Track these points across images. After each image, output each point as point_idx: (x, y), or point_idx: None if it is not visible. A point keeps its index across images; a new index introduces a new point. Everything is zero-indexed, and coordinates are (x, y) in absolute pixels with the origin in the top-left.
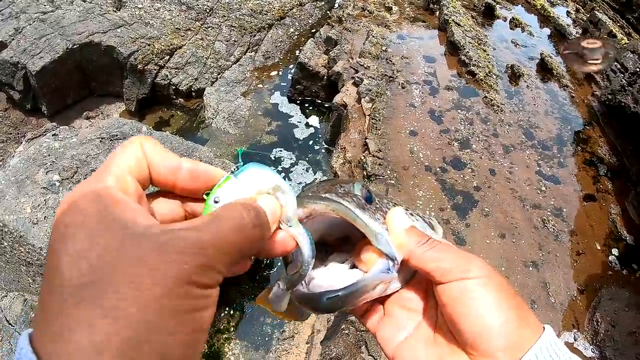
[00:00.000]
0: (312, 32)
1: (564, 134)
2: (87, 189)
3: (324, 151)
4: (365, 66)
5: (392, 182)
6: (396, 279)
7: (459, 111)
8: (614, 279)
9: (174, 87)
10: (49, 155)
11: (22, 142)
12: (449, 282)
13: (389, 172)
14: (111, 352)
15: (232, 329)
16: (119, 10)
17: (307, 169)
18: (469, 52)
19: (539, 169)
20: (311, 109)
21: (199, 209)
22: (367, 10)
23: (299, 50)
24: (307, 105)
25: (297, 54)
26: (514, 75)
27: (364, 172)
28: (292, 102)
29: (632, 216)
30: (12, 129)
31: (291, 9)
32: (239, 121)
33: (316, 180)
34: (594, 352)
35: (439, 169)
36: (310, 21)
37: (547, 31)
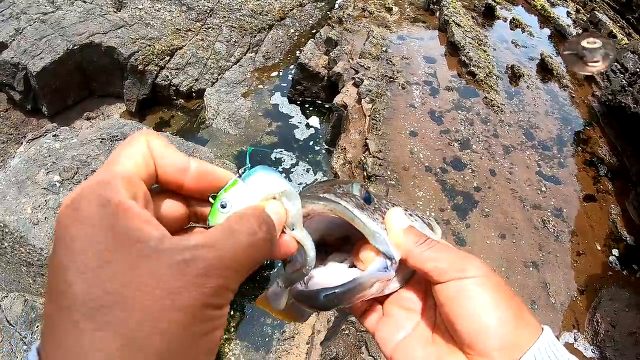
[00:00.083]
0: (312, 32)
1: (564, 134)
2: (93, 193)
3: (324, 152)
4: (365, 67)
5: (393, 182)
6: (394, 277)
7: (459, 112)
8: (614, 280)
9: (174, 87)
10: (50, 155)
11: (22, 143)
12: (446, 282)
13: (389, 172)
14: None
15: (232, 329)
16: (120, 11)
17: (308, 170)
18: (469, 52)
19: (539, 169)
20: (311, 109)
21: (203, 209)
22: (368, 10)
23: (299, 50)
24: (307, 105)
25: (297, 55)
26: (514, 75)
27: (364, 173)
28: (292, 102)
29: (633, 216)
30: (13, 130)
31: (291, 10)
32: (239, 122)
33: (316, 180)
34: (594, 352)
35: (439, 170)
36: (310, 22)
37: (547, 32)
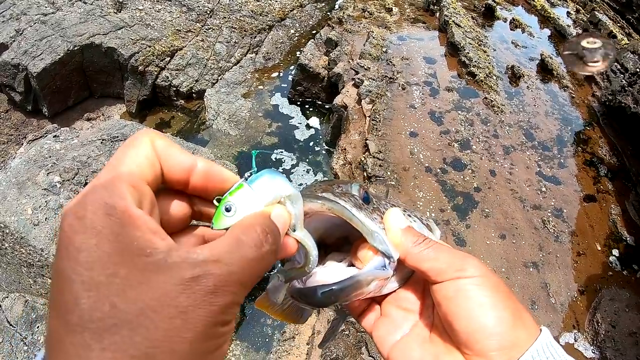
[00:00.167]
0: (312, 33)
1: (564, 134)
2: (98, 200)
3: (325, 152)
4: (365, 67)
5: (393, 183)
6: (392, 277)
7: (459, 112)
8: (614, 280)
9: (174, 88)
10: (50, 156)
11: (23, 144)
12: (444, 282)
13: (389, 173)
14: None
15: None
16: (120, 11)
17: (308, 170)
18: (469, 53)
19: (539, 169)
20: (311, 110)
21: (206, 208)
22: (368, 11)
23: (299, 51)
24: (307, 106)
25: (297, 55)
26: (514, 76)
27: (365, 173)
28: (292, 103)
29: (633, 217)
30: (13, 131)
31: (291, 10)
32: (239, 122)
33: (316, 181)
34: (594, 352)
35: (439, 170)
36: (310, 22)
37: (547, 32)
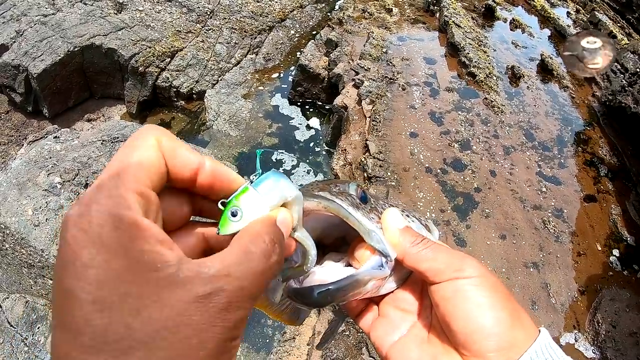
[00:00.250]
0: (312, 34)
1: (564, 134)
2: (104, 211)
3: (325, 153)
4: (365, 68)
5: (393, 183)
6: (390, 277)
7: (460, 112)
8: (614, 280)
9: (174, 89)
10: (51, 157)
11: (23, 145)
12: (442, 282)
13: (389, 173)
14: None
15: None
16: (120, 12)
17: (308, 171)
18: (469, 53)
19: (539, 169)
20: (312, 110)
21: (208, 207)
22: (368, 12)
23: (299, 52)
24: (307, 107)
25: (297, 56)
26: (514, 76)
27: (365, 174)
28: (292, 104)
29: (633, 217)
30: (14, 132)
31: (292, 11)
32: (239, 123)
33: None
34: (594, 353)
35: (439, 171)
36: (310, 23)
37: (547, 32)
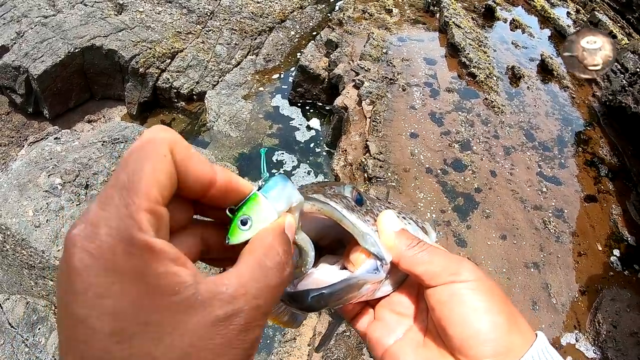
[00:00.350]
0: (312, 34)
1: (564, 135)
2: (114, 234)
3: (325, 154)
4: (365, 69)
5: (393, 184)
6: (385, 280)
7: (460, 113)
8: (615, 280)
9: (175, 90)
10: (51, 158)
11: (24, 146)
12: (438, 286)
13: (389, 174)
14: None
15: None
16: (120, 14)
17: (309, 172)
18: (469, 53)
19: (539, 170)
20: (312, 111)
21: (212, 212)
22: (368, 12)
23: (299, 53)
24: (308, 107)
25: (298, 57)
26: (515, 76)
27: (365, 175)
28: (293, 104)
29: (634, 217)
30: (14, 133)
31: (292, 12)
32: (240, 124)
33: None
34: (595, 353)
35: (439, 171)
36: (311, 24)
37: (547, 32)
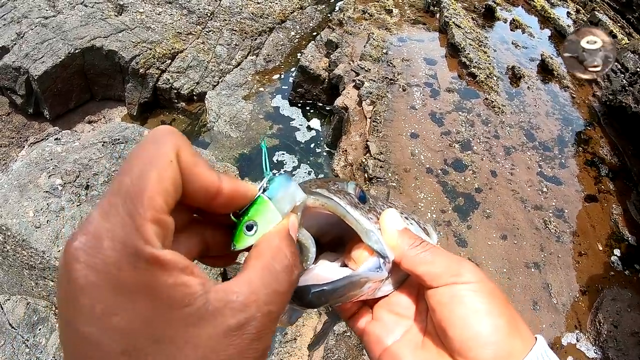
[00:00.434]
0: (313, 35)
1: (565, 134)
2: (120, 248)
3: (326, 154)
4: (366, 69)
5: (394, 184)
6: (387, 279)
7: (460, 113)
8: (616, 280)
9: (175, 91)
10: (52, 159)
11: (24, 146)
12: (439, 287)
13: (390, 174)
14: None
15: None
16: (121, 14)
17: (309, 172)
18: (469, 53)
19: (540, 170)
20: (312, 112)
21: (210, 214)
22: (368, 13)
23: (300, 53)
24: (308, 108)
25: (298, 57)
26: (515, 76)
27: (365, 175)
28: (293, 105)
29: (634, 216)
30: (15, 133)
31: (292, 13)
32: (240, 125)
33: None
34: (596, 353)
35: (440, 171)
36: (311, 24)
37: (547, 32)
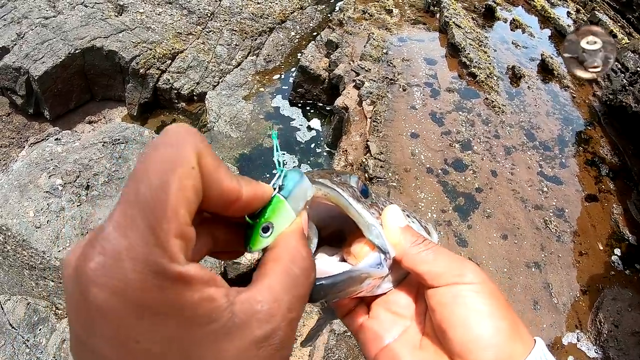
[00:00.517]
0: (313, 35)
1: (565, 134)
2: (142, 268)
3: (326, 154)
4: (366, 69)
5: (394, 184)
6: (387, 276)
7: (460, 113)
8: (616, 279)
9: (175, 91)
10: (52, 159)
11: (24, 147)
12: (440, 287)
13: (390, 174)
14: None
15: None
16: (121, 15)
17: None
18: (469, 53)
19: (540, 169)
20: (313, 112)
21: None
22: (368, 13)
23: (300, 53)
24: (308, 108)
25: (298, 57)
26: (515, 76)
27: (366, 175)
28: (293, 105)
29: (635, 216)
30: (15, 134)
31: (292, 13)
32: (240, 125)
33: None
34: (597, 352)
35: (440, 171)
36: (311, 24)
37: (547, 32)
